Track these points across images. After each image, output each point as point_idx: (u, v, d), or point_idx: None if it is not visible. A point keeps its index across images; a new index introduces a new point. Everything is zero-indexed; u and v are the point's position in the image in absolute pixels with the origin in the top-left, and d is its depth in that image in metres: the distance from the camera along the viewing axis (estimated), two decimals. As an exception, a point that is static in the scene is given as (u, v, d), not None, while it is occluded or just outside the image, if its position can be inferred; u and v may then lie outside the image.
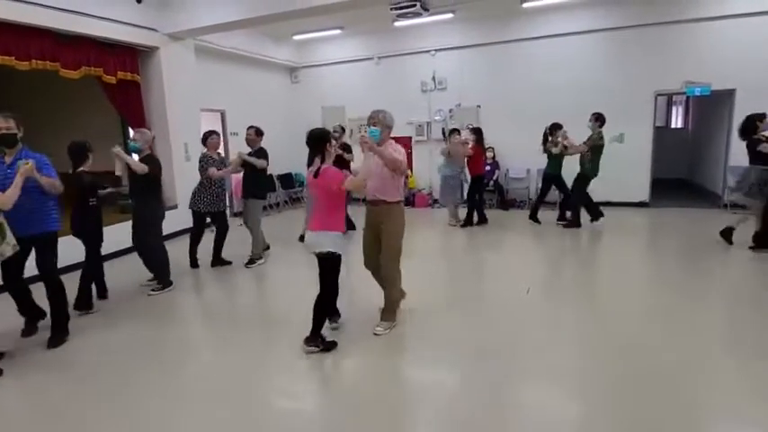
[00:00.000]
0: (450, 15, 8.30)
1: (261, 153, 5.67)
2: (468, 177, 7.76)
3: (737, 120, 7.68)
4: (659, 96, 8.50)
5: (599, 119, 6.92)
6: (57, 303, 3.77)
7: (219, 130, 8.02)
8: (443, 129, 9.55)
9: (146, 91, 7.22)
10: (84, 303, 4.38)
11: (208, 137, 5.68)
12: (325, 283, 3.40)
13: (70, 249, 4.34)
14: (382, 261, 3.66)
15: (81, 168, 4.28)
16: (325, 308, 3.46)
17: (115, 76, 6.56)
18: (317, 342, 3.42)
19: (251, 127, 5.78)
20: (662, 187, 9.34)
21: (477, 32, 9.02)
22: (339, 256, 3.37)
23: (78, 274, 4.42)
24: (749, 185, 5.54)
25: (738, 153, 7.81)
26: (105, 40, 6.34)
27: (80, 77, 6.17)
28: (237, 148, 9.12)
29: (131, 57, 6.85)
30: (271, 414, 2.82)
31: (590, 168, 6.97)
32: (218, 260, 5.81)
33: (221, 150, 6.33)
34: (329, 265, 3.38)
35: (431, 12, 7.79)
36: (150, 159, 4.69)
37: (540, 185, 7.88)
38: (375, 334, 3.63)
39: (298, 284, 4.93)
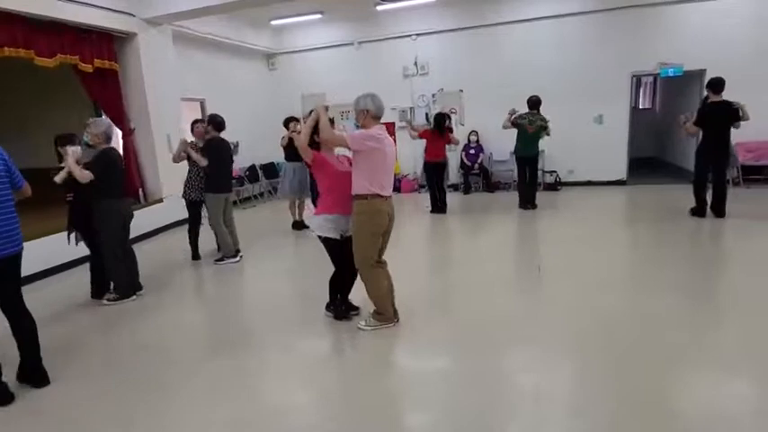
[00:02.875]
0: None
1: (208, 147, 5.26)
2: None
3: (709, 98, 8.14)
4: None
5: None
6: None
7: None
8: (426, 114, 9.61)
9: (124, 80, 6.89)
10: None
11: (194, 125, 5.64)
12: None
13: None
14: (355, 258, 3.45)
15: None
16: (332, 278, 3.68)
17: (92, 65, 6.23)
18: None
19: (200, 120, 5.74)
20: (635, 165, 9.73)
21: (459, 16, 9.05)
22: (320, 237, 3.49)
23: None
24: None
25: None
26: (81, 25, 5.99)
27: (55, 66, 5.82)
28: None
29: (108, 43, 6.51)
30: (272, 411, 2.69)
31: (517, 148, 7.30)
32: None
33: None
34: (325, 248, 3.56)
35: (415, -5, 7.78)
36: (99, 156, 4.09)
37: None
38: (358, 327, 3.52)
39: (286, 278, 4.95)
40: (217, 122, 5.32)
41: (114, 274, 4.42)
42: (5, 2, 5.10)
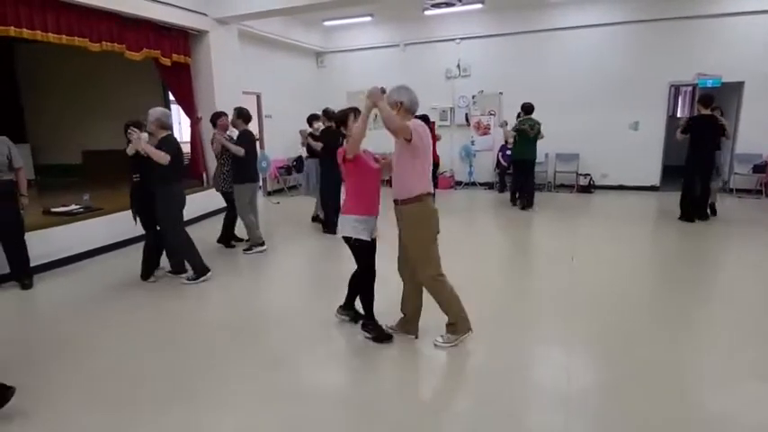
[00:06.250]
0: (479, 6, 8.70)
1: (243, 137, 5.41)
2: None
3: (746, 110, 8.32)
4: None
5: (521, 111, 7.71)
6: None
7: (255, 112, 8.39)
8: (466, 114, 10.05)
9: (195, 74, 7.59)
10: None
11: (217, 118, 5.64)
12: (357, 264, 3.34)
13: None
14: (414, 271, 3.17)
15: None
16: (359, 284, 3.39)
17: (170, 59, 6.94)
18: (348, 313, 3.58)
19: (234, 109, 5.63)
20: (669, 173, 9.89)
21: (502, 22, 9.45)
22: (358, 240, 3.17)
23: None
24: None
25: (743, 142, 8.45)
26: (163, 23, 6.71)
27: (141, 59, 6.54)
28: (273, 130, 9.60)
29: (184, 40, 7.22)
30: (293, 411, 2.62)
31: (516, 152, 7.80)
32: (225, 239, 5.87)
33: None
34: (354, 251, 3.27)
35: (463, 1, 8.25)
36: (168, 140, 4.32)
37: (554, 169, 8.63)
38: (434, 344, 3.21)
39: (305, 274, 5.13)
40: (245, 115, 5.48)
41: (189, 255, 4.53)
42: (104, 1, 5.83)
